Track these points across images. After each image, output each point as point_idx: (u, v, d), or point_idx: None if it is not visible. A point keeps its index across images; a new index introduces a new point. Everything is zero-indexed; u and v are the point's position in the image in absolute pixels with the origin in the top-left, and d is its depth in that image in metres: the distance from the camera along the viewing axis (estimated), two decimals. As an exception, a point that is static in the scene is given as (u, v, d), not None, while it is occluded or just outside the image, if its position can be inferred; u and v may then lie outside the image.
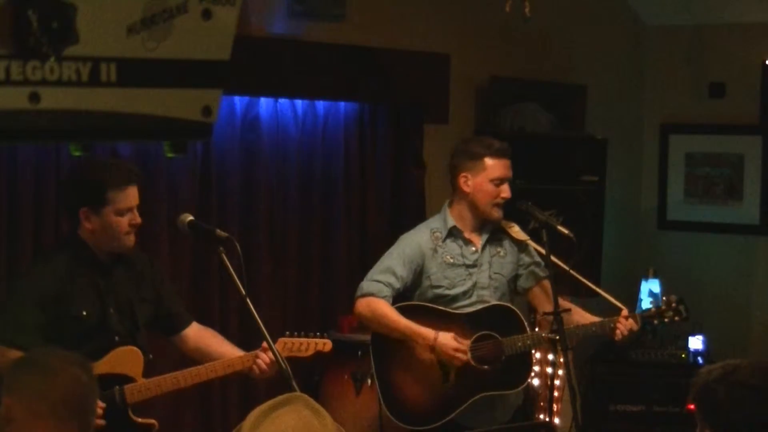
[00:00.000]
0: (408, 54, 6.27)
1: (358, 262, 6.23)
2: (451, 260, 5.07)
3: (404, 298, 5.08)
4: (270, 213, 5.86)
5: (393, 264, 5.04)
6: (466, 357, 4.91)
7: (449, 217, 5.11)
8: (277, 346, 4.49)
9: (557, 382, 5.90)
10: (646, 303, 7.04)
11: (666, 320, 5.15)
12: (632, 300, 6.87)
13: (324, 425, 2.80)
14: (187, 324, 4.66)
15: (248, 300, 4.09)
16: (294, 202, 5.99)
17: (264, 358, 4.47)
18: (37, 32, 2.63)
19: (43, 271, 4.40)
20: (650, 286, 7.17)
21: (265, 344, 4.42)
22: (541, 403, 5.67)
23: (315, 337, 4.67)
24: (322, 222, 6.12)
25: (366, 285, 5.04)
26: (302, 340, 4.64)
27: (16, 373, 3.23)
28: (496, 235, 5.13)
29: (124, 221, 4.35)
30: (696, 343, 6.98)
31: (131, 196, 4.37)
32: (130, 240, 4.39)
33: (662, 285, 7.16)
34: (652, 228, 7.88)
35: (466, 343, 4.93)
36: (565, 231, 4.94)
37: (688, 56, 7.70)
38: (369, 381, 5.12)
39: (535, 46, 7.04)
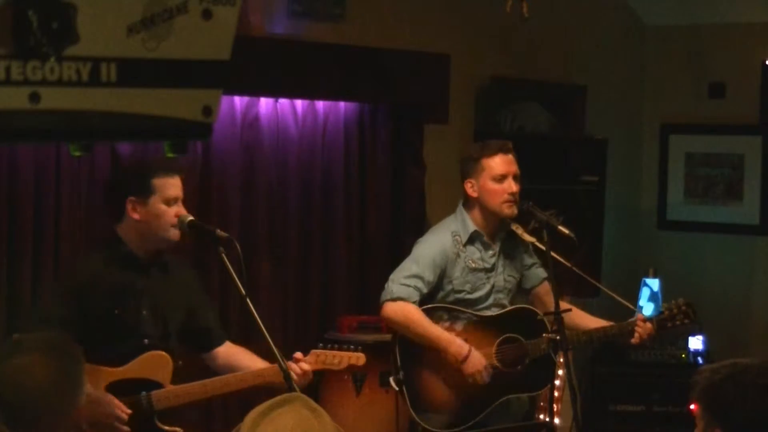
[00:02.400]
0: (408, 54, 6.27)
1: (358, 263, 6.24)
2: (473, 265, 5.05)
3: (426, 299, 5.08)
4: (270, 213, 5.86)
5: (422, 269, 4.98)
6: (483, 382, 4.92)
7: (469, 220, 5.07)
8: (310, 358, 4.47)
9: (557, 382, 5.90)
10: (646, 304, 7.02)
11: (678, 323, 5.15)
12: (632, 300, 6.85)
13: (323, 425, 2.80)
14: (219, 342, 4.56)
15: (248, 300, 4.09)
16: (294, 202, 5.98)
17: (296, 369, 4.37)
18: (37, 32, 2.62)
19: (76, 266, 4.40)
20: (650, 286, 7.16)
21: (297, 355, 4.40)
22: (541, 403, 5.66)
23: (348, 350, 4.60)
24: (322, 222, 6.12)
25: (396, 288, 4.95)
26: (335, 353, 4.56)
27: None
28: (509, 237, 5.13)
29: (171, 212, 4.31)
30: (696, 343, 6.97)
31: (176, 185, 4.34)
32: (176, 234, 4.32)
33: (662, 285, 7.16)
34: (652, 228, 7.87)
35: (487, 366, 4.93)
36: (566, 231, 4.94)
37: (688, 56, 7.70)
38: (393, 383, 5.08)
39: (535, 46, 7.04)
